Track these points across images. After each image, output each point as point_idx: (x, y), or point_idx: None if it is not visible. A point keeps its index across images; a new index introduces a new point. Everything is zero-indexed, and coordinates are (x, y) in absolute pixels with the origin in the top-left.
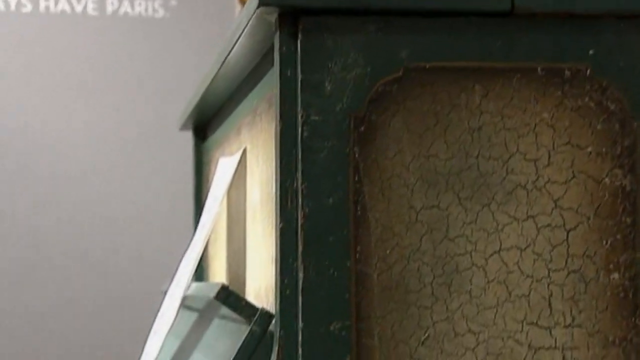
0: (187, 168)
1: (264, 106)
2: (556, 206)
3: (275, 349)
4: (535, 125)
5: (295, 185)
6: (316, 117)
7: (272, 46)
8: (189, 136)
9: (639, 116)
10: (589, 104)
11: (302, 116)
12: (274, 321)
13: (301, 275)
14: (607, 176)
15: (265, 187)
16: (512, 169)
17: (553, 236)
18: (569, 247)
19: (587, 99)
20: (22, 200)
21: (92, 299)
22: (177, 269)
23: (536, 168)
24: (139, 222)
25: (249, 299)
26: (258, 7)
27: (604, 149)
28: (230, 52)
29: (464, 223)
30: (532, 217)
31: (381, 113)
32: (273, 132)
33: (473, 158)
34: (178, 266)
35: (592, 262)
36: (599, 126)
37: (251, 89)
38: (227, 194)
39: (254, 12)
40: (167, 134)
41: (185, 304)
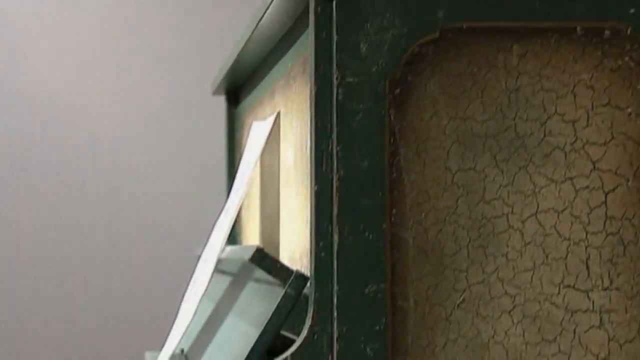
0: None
1: (298, 69)
2: (595, 168)
3: (310, 311)
4: (574, 86)
5: (330, 148)
6: (351, 79)
7: (306, 7)
8: (221, 101)
9: None
10: (629, 63)
11: (337, 78)
12: (308, 284)
13: (336, 238)
14: None
15: (300, 150)
16: (550, 131)
17: (591, 198)
18: (607, 209)
19: (627, 58)
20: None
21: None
22: (210, 233)
23: (574, 129)
24: (171, 188)
25: (283, 262)
26: None
27: None
28: (264, 14)
29: (500, 185)
30: (570, 179)
31: (417, 75)
32: (307, 95)
33: (510, 120)
34: (211, 231)
35: (630, 225)
36: (639, 86)
37: (285, 51)
38: (261, 158)
39: None
40: (200, 99)
41: (219, 268)
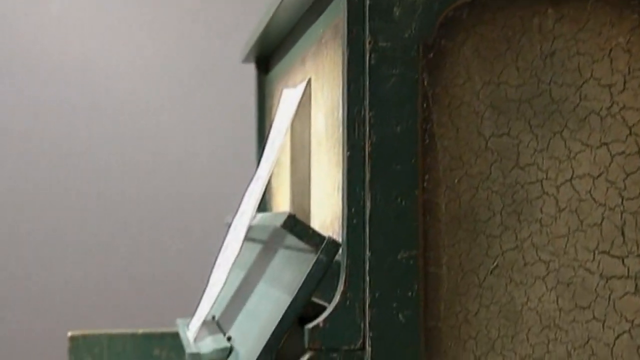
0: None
1: (330, 34)
2: (631, 133)
3: (342, 277)
4: (611, 49)
5: (363, 114)
6: (384, 44)
7: None
8: (251, 69)
9: None
10: None
11: (370, 43)
12: (340, 250)
13: (368, 204)
14: None
15: (331, 116)
16: (586, 95)
17: (627, 164)
18: None
19: None
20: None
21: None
22: (240, 201)
23: (611, 94)
24: (201, 156)
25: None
26: None
27: None
28: None
29: (535, 151)
30: (606, 144)
31: (451, 39)
32: (339, 60)
33: (545, 84)
34: (242, 199)
35: None
36: None
37: (316, 17)
38: (291, 125)
39: None
40: (230, 67)
41: (250, 235)
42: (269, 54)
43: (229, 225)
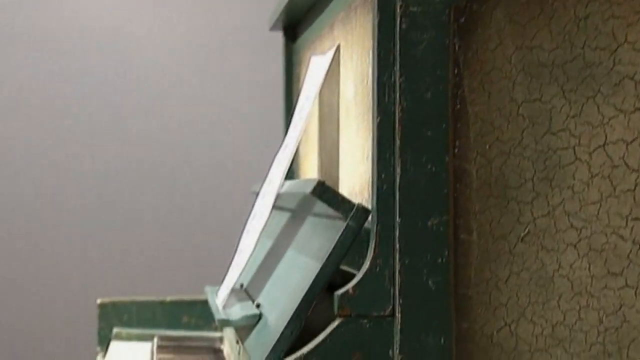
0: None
1: (359, 0)
2: None
3: (372, 244)
4: None
5: (393, 79)
6: (415, 8)
7: None
8: (279, 36)
9: None
10: None
11: (400, 7)
12: (370, 217)
13: (398, 171)
14: None
15: (360, 83)
16: (620, 60)
17: None
18: None
19: None
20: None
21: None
22: (268, 170)
23: None
24: (229, 124)
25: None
26: None
27: None
28: None
29: (567, 116)
30: None
31: (482, 3)
32: (369, 26)
33: (579, 48)
34: (269, 167)
35: None
36: None
37: None
38: (320, 92)
39: None
40: (257, 35)
41: (278, 204)
42: (296, 22)
43: (257, 193)
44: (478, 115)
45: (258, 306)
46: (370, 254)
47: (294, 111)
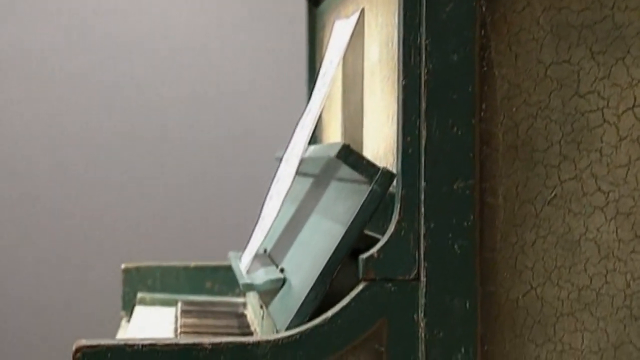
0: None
1: None
2: None
3: (397, 208)
4: None
5: (419, 41)
6: None
7: None
8: (302, 1)
9: None
10: None
11: None
12: (394, 182)
13: (424, 134)
14: None
15: (385, 46)
16: None
17: None
18: None
19: None
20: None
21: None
22: (292, 135)
23: None
24: (253, 91)
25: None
26: None
27: None
28: None
29: (596, 78)
30: None
31: None
32: None
33: (608, 9)
34: (293, 132)
35: None
36: None
37: None
38: (344, 57)
39: None
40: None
41: (301, 169)
42: None
43: (281, 158)
44: (505, 77)
45: (282, 271)
46: (395, 217)
47: (317, 76)
